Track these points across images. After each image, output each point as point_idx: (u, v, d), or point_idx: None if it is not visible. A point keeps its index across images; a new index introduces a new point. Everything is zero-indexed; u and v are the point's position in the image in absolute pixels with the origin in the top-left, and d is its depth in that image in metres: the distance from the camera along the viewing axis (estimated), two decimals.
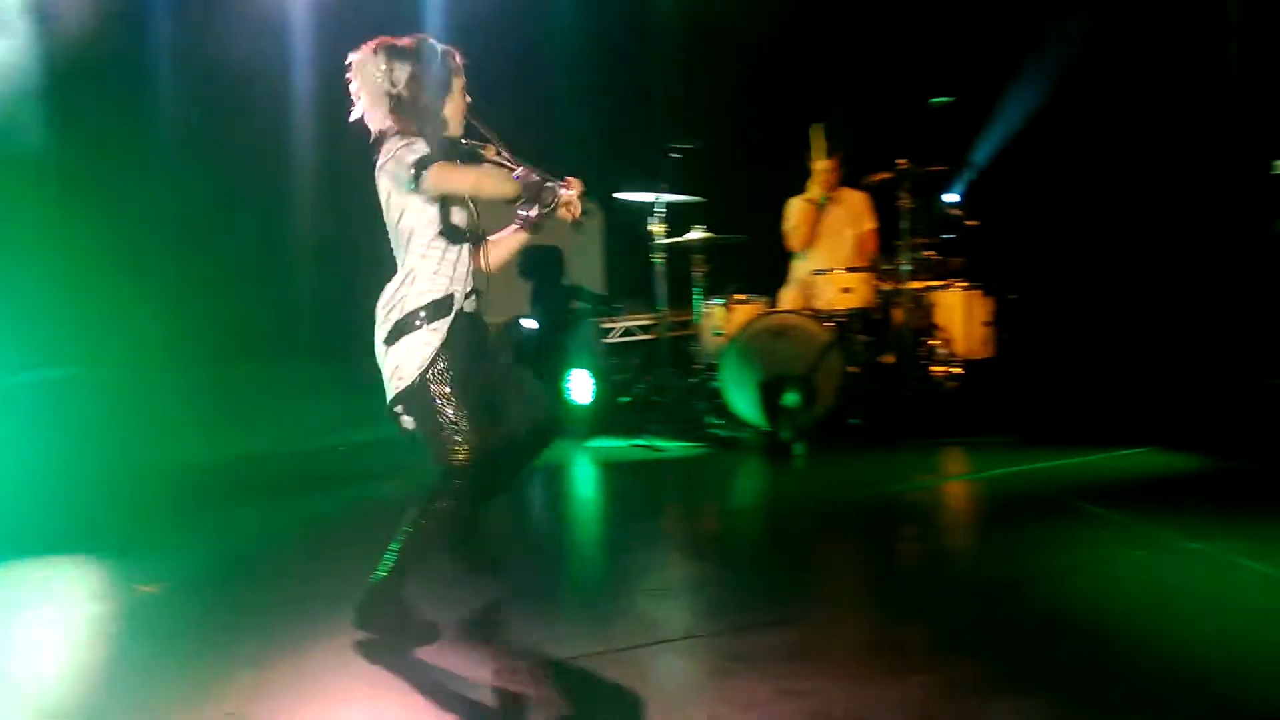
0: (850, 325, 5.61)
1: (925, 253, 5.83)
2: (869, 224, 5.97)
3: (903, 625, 2.86)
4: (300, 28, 5.99)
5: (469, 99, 2.90)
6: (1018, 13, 6.42)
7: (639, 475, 5.15)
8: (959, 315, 5.78)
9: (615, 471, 5.23)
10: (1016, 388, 5.82)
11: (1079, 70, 6.30)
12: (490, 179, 2.77)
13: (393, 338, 2.74)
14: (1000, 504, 4.32)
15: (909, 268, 5.58)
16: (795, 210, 6.01)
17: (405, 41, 2.80)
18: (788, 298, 5.98)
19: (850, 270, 5.69)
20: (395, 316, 2.75)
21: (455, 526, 2.83)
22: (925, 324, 5.75)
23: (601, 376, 6.10)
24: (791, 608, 3.02)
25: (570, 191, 2.80)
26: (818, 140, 5.86)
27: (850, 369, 5.44)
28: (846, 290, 5.62)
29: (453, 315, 2.75)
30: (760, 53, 6.87)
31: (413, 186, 2.66)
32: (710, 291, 5.95)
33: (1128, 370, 5.92)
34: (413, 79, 2.76)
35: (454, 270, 2.79)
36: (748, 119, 6.64)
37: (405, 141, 2.70)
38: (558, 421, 3.34)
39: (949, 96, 5.63)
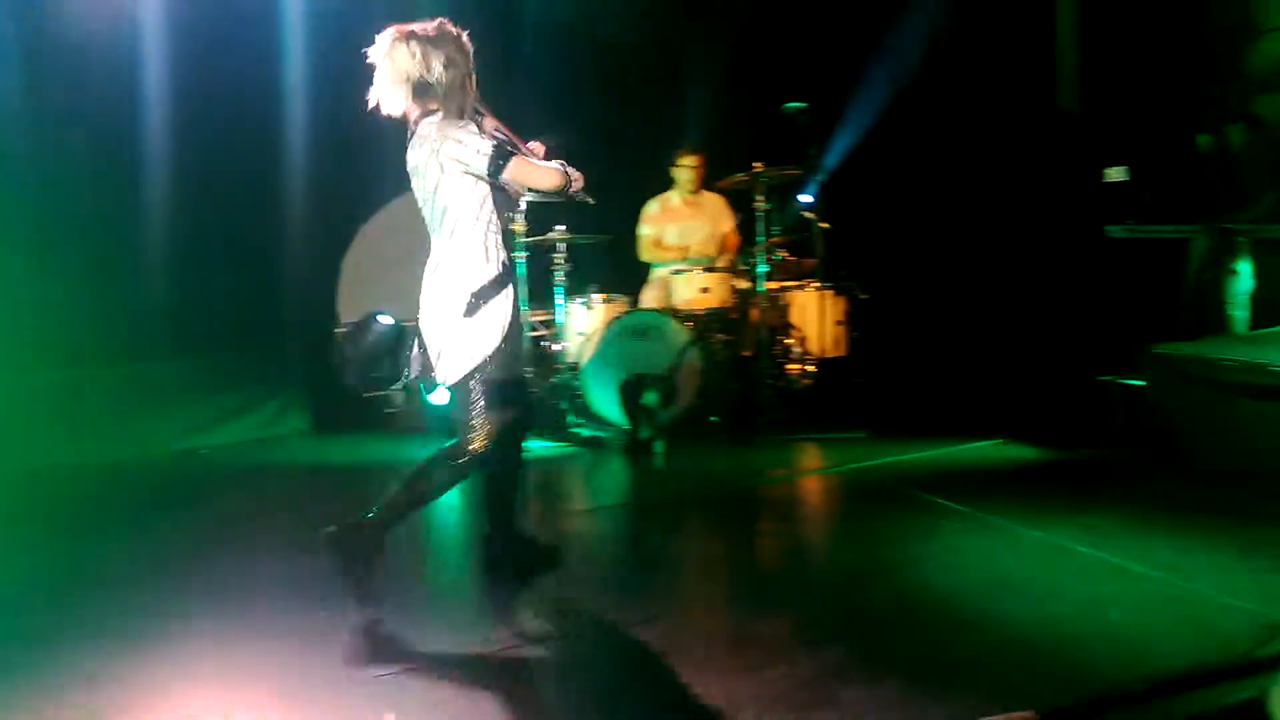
0: (709, 324, 5.66)
1: (780, 254, 5.95)
2: (727, 225, 6.07)
3: (761, 619, 2.89)
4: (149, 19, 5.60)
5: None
6: (866, 19, 6.64)
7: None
8: (813, 314, 5.93)
9: (474, 473, 5.10)
10: (869, 384, 6.01)
11: (924, 76, 6.56)
12: (554, 174, 2.98)
13: (471, 311, 2.88)
14: (852, 498, 4.45)
15: (765, 268, 5.68)
16: (652, 211, 6.04)
17: (432, 28, 2.91)
18: (648, 297, 6.00)
19: (709, 270, 5.74)
20: (466, 292, 2.89)
21: (438, 495, 3.04)
22: (780, 323, 5.87)
23: None
24: (653, 605, 3.02)
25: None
26: (684, 158, 5.93)
27: (709, 367, 5.49)
28: (705, 290, 5.67)
29: (514, 285, 2.97)
30: (622, 53, 6.87)
31: (494, 175, 2.85)
32: (571, 291, 5.91)
33: (973, 367, 6.18)
34: (448, 64, 2.89)
35: (501, 247, 2.97)
36: (611, 117, 6.62)
37: (460, 125, 2.88)
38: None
39: (802, 102, 5.76)
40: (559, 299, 5.90)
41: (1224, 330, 5.21)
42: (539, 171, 2.98)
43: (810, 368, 5.90)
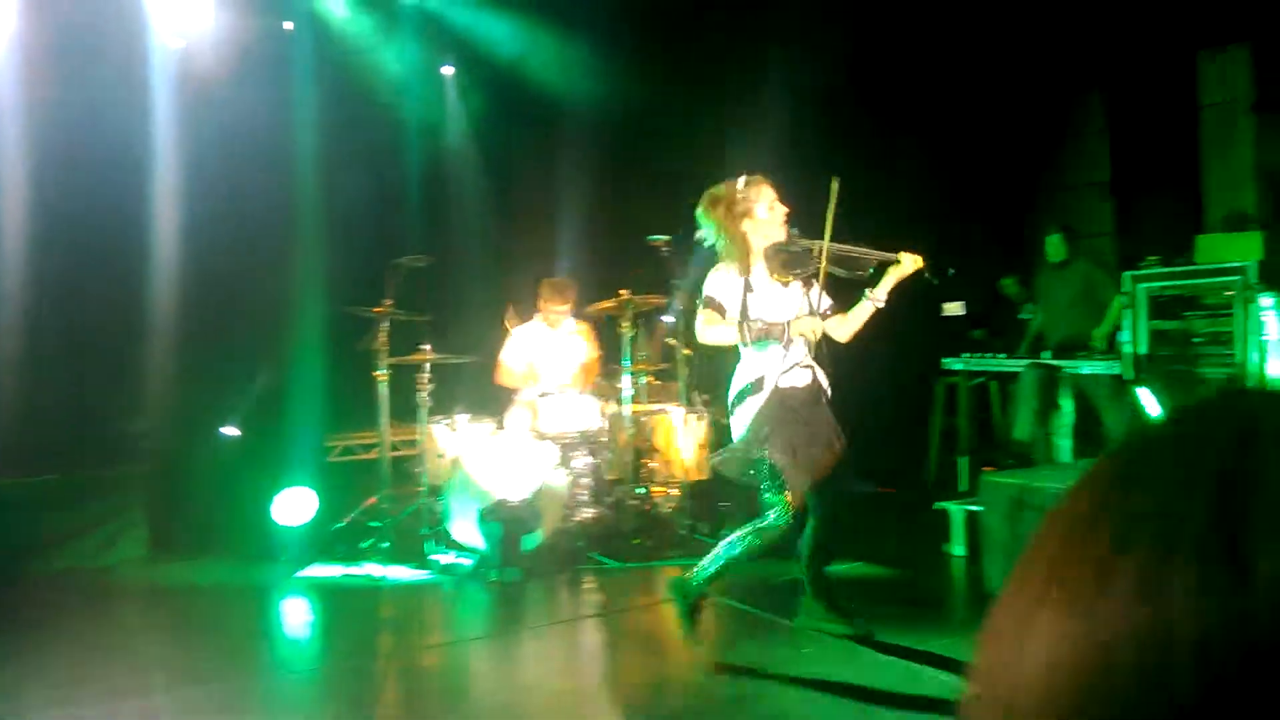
0: (575, 448, 5.69)
1: (646, 378, 6.09)
2: (593, 351, 6.17)
3: None
4: None
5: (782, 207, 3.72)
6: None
7: (351, 606, 4.83)
8: (678, 438, 6.06)
9: (327, 602, 4.91)
10: (735, 505, 6.09)
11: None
12: (720, 331, 3.68)
13: (731, 409, 3.71)
14: (712, 624, 4.45)
15: (631, 392, 5.80)
16: (517, 337, 6.11)
17: (711, 192, 3.74)
18: (514, 419, 6.00)
19: (575, 394, 5.82)
20: (731, 395, 3.72)
21: (765, 551, 3.65)
22: (646, 446, 5.97)
23: (320, 496, 5.76)
24: None
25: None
26: (552, 290, 6.04)
27: (575, 492, 5.50)
28: (571, 413, 5.73)
29: (766, 391, 3.59)
30: (495, 178, 7.07)
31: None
32: (435, 411, 5.85)
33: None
34: (718, 226, 3.71)
35: (762, 358, 3.63)
36: (478, 239, 6.74)
37: (718, 267, 3.75)
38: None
39: (667, 235, 6.01)
40: (422, 419, 5.83)
41: (1051, 459, 5.61)
42: (706, 330, 3.71)
43: (675, 491, 5.99)
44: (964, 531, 5.20)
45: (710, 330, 3.70)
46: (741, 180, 3.72)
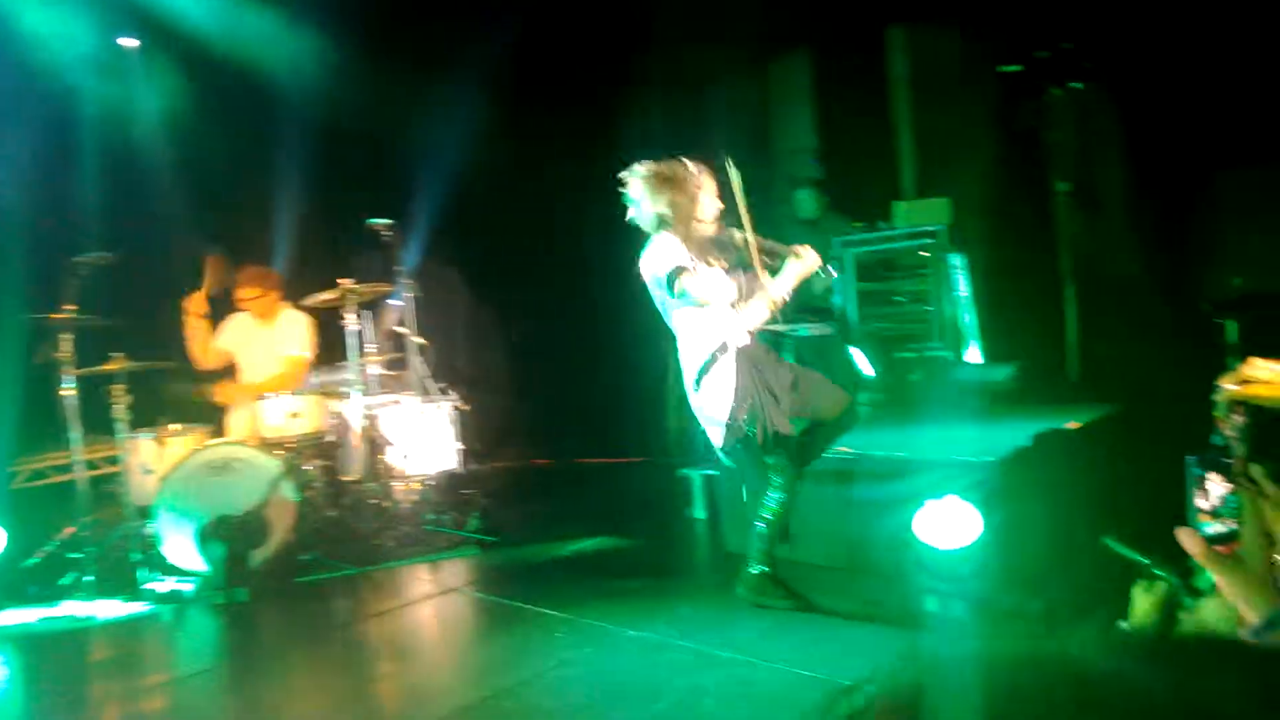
0: (302, 451, 5.32)
1: (376, 370, 5.80)
2: (305, 346, 5.73)
3: None
4: None
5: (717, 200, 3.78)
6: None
7: (55, 653, 4.24)
8: (415, 429, 5.83)
9: (25, 653, 4.29)
10: (480, 495, 5.96)
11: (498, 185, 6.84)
12: (718, 287, 3.70)
13: (697, 385, 3.74)
14: (463, 622, 4.35)
15: (360, 386, 5.50)
16: (190, 330, 5.62)
17: (664, 169, 3.72)
18: (231, 426, 5.53)
19: (296, 393, 5.42)
20: (691, 372, 3.74)
21: (788, 509, 3.81)
22: (383, 441, 5.68)
23: (7, 530, 5.02)
24: None
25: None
26: (215, 269, 5.57)
27: (305, 498, 5.15)
28: (295, 415, 5.34)
29: (733, 355, 3.70)
30: (192, 165, 6.45)
31: (669, 292, 3.66)
32: (137, 424, 5.25)
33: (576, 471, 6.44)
34: (671, 204, 3.70)
35: (718, 326, 3.72)
36: (174, 232, 6.13)
37: (662, 241, 3.71)
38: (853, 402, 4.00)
39: (387, 218, 5.73)
40: (121, 434, 5.20)
41: None
42: (703, 290, 3.66)
43: (417, 485, 5.76)
44: (703, 496, 5.37)
45: (715, 288, 3.69)
46: (689, 163, 3.76)
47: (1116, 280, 5.85)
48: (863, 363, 5.77)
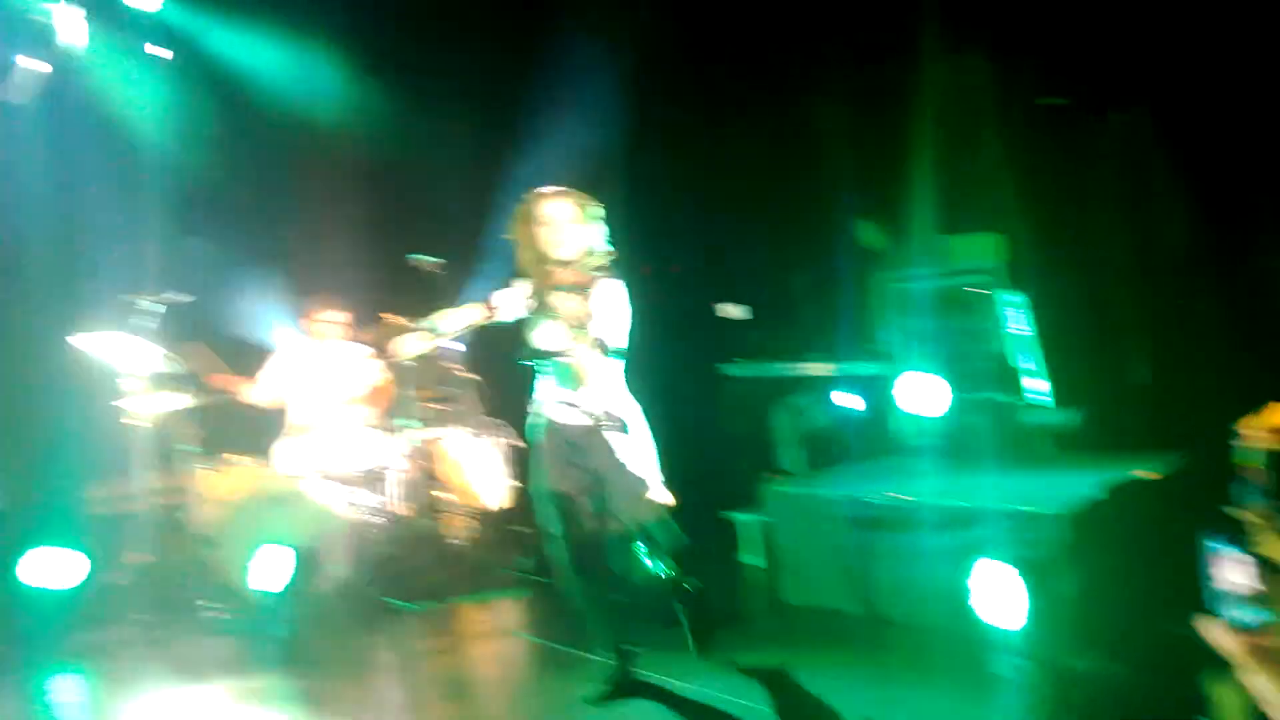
0: (359, 483, 5.37)
1: (431, 405, 5.83)
2: (380, 377, 5.77)
3: None
4: None
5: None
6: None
7: (125, 673, 4.38)
8: (468, 465, 5.84)
9: (96, 672, 4.42)
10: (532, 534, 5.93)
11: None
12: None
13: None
14: (513, 664, 4.34)
15: (416, 421, 5.53)
16: (297, 362, 5.72)
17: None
18: (289, 457, 5.59)
19: (357, 427, 5.48)
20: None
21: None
22: (436, 477, 5.71)
23: (86, 554, 5.17)
24: None
25: None
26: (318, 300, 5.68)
27: (362, 531, 5.19)
28: (353, 447, 5.40)
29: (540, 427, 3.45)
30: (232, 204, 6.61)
31: None
32: (202, 455, 5.36)
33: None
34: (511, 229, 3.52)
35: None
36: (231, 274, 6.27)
37: None
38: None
39: (433, 255, 5.74)
40: (186, 463, 5.32)
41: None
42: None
43: (472, 522, 5.77)
44: (760, 541, 5.27)
45: None
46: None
47: (1191, 318, 5.65)
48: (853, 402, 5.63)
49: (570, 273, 3.35)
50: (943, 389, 5.34)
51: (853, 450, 5.65)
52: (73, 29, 6.15)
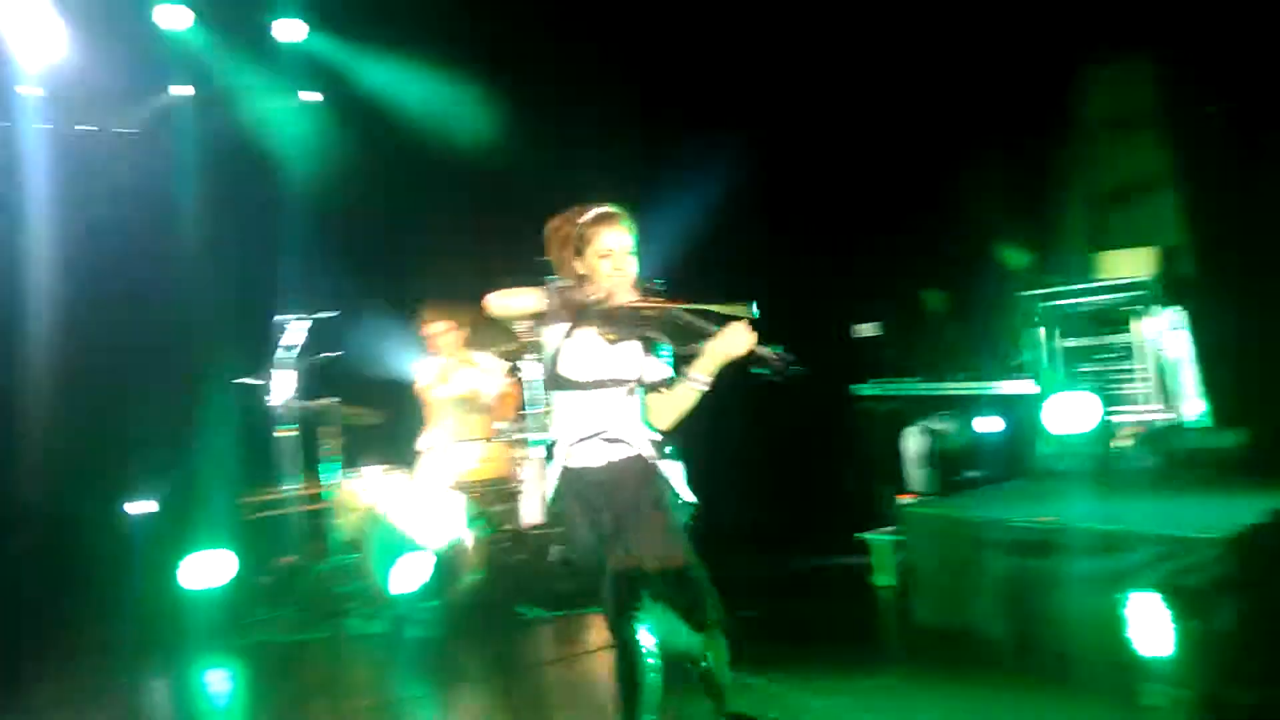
0: (489, 495, 5.50)
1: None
2: (506, 387, 5.85)
3: None
4: None
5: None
6: None
7: (269, 672, 4.65)
8: None
9: (251, 667, 4.74)
10: None
11: None
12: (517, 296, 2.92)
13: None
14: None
15: (540, 435, 5.62)
16: (424, 373, 5.90)
17: (553, 222, 3.01)
18: (426, 468, 5.78)
19: (488, 440, 5.62)
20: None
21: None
22: None
23: (238, 557, 5.53)
24: None
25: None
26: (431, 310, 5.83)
27: (494, 542, 5.31)
28: (483, 459, 5.54)
29: (555, 462, 2.98)
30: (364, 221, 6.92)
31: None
32: (345, 463, 5.62)
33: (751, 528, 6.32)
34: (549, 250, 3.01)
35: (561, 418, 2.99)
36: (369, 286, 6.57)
37: None
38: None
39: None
40: (333, 473, 5.59)
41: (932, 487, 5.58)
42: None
43: None
44: (892, 562, 5.13)
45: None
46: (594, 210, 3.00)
47: None
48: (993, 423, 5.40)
49: (619, 302, 2.91)
50: (1094, 409, 5.09)
51: (993, 471, 5.44)
52: (221, 60, 6.67)
